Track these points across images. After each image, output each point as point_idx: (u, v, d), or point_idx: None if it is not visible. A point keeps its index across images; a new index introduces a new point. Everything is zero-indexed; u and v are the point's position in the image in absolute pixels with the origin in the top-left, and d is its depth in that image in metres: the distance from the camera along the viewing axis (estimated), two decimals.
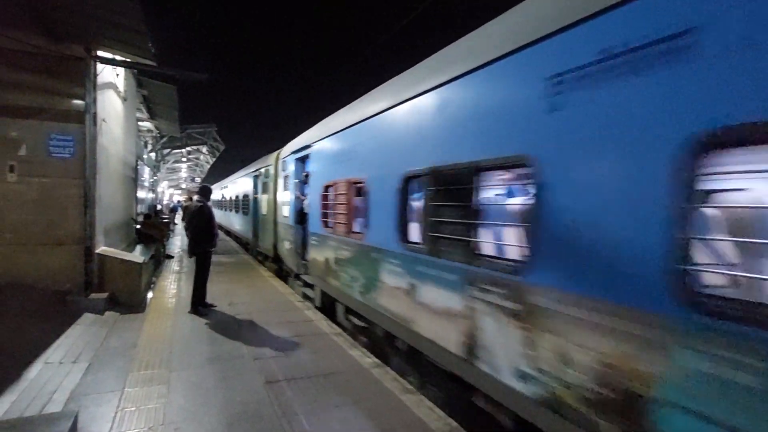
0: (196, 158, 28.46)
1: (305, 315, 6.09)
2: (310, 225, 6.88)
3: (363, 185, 4.73)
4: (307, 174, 7.34)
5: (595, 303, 2.05)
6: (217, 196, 23.81)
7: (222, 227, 19.20)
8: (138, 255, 7.77)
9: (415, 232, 3.74)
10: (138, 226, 10.93)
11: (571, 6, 2.31)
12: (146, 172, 15.17)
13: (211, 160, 29.51)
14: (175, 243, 15.29)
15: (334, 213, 5.61)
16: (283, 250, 8.82)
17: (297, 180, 7.91)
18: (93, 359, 4.16)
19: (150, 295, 6.98)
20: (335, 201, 5.58)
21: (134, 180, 11.05)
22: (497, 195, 3.96)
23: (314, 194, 6.56)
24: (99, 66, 6.02)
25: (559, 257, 2.27)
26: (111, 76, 7.22)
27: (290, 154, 8.31)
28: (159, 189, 26.84)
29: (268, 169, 10.46)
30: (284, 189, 8.83)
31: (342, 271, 5.41)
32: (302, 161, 7.73)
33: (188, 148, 22.85)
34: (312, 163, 6.96)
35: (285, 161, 8.88)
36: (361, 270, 4.82)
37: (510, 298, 2.59)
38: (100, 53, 6.03)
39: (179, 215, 24.04)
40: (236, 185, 17.07)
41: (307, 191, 7.28)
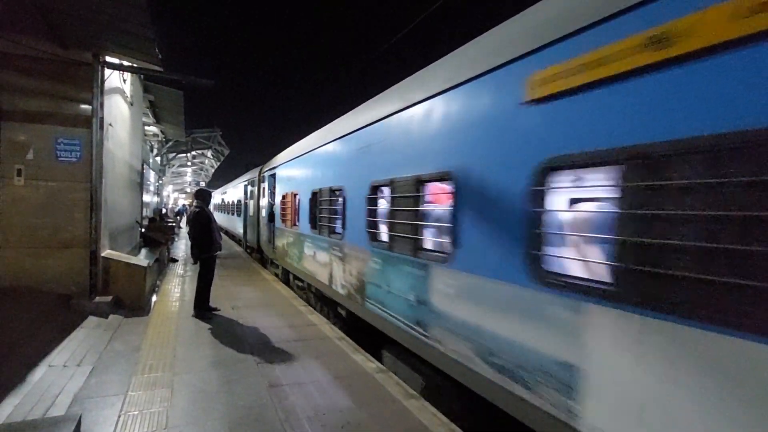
0: (201, 162, 28.63)
1: (308, 319, 6.08)
2: (276, 222, 9.87)
3: (298, 196, 7.90)
4: (274, 186, 10.17)
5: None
6: (218, 201, 25.62)
7: (221, 228, 19.68)
8: (143, 258, 7.80)
9: (315, 222, 6.77)
10: (143, 230, 10.99)
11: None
12: (152, 176, 15.26)
13: (216, 165, 29.68)
14: (180, 247, 15.35)
15: (286, 213, 8.72)
16: (263, 242, 11.73)
17: (270, 190, 10.72)
18: (97, 362, 4.17)
19: (154, 299, 7.01)
20: (286, 205, 8.71)
21: (140, 184, 11.13)
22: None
23: (277, 200, 9.66)
24: (106, 71, 6.09)
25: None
26: (118, 81, 7.30)
27: (267, 170, 11.31)
28: (164, 193, 27.00)
29: (254, 180, 13.19)
30: (263, 196, 11.64)
31: (290, 251, 8.58)
32: (273, 177, 10.40)
33: (193, 153, 23.00)
34: (277, 179, 9.91)
35: (263, 175, 11.73)
36: (297, 248, 7.89)
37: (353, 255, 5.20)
38: (108, 59, 6.10)
39: (185, 219, 24.16)
40: (232, 192, 20.38)
41: (275, 198, 10.11)
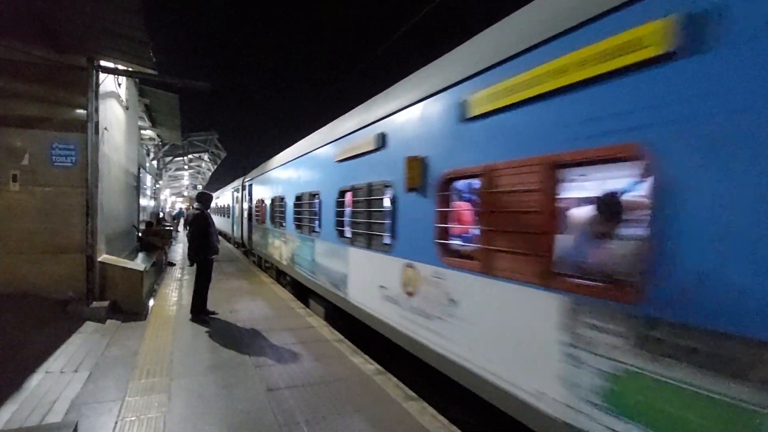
0: (198, 166, 28.56)
1: (307, 321, 6.07)
2: (252, 221, 13.22)
3: (264, 201, 11.14)
4: (252, 193, 13.47)
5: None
6: (212, 204, 25.92)
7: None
8: (140, 263, 7.78)
9: (273, 219, 9.76)
10: (140, 234, 10.95)
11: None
12: (148, 180, 15.21)
13: (213, 168, 29.62)
14: (178, 250, 15.30)
15: (258, 214, 12.02)
16: (245, 237, 14.72)
17: (249, 196, 13.91)
18: (94, 368, 4.15)
19: (152, 303, 6.98)
20: (258, 208, 12.01)
21: (136, 188, 11.09)
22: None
23: (253, 204, 13.07)
24: (101, 75, 6.07)
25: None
26: (113, 85, 7.28)
27: (247, 180, 14.37)
28: (161, 197, 26.92)
29: (238, 188, 16.56)
30: (245, 201, 14.66)
31: (260, 241, 11.82)
32: (251, 186, 13.73)
33: (190, 156, 22.92)
34: (253, 188, 13.41)
35: (244, 184, 14.86)
36: (265, 239, 11.00)
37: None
38: (103, 63, 6.08)
39: (182, 222, 24.11)
40: (223, 197, 24.24)
41: (252, 203, 13.37)
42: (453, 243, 3.39)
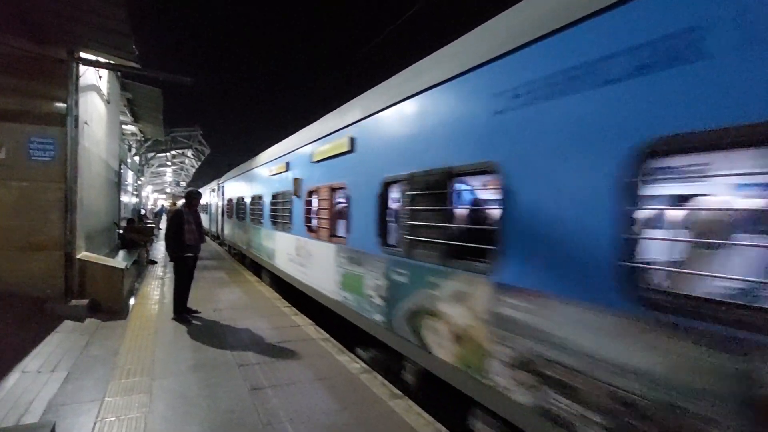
0: (182, 162, 28.06)
1: (292, 320, 6.04)
2: (224, 216, 16.03)
3: (231, 200, 14.14)
4: (224, 193, 16.17)
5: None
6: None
7: None
8: (120, 260, 7.61)
9: (238, 214, 12.84)
10: (121, 231, 10.72)
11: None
12: (130, 176, 14.90)
13: (197, 164, 29.14)
14: (160, 248, 15.01)
15: (229, 210, 14.73)
16: (219, 231, 17.59)
17: (222, 196, 16.72)
18: (72, 368, 4.05)
19: (132, 302, 6.84)
20: (229, 205, 14.77)
21: (117, 184, 10.85)
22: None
23: (225, 201, 15.85)
24: (81, 68, 5.92)
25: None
26: (94, 78, 7.11)
27: (221, 182, 17.28)
28: (143, 193, 26.38)
29: (214, 188, 19.53)
30: (219, 199, 17.67)
31: (230, 233, 14.56)
32: (223, 187, 16.58)
33: (173, 152, 22.52)
34: (225, 189, 16.16)
35: (219, 185, 17.83)
36: (232, 230, 13.99)
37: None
38: (83, 55, 5.92)
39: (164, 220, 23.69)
40: (204, 195, 27.48)
41: (224, 201, 16.15)
42: (309, 224, 6.33)
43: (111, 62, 6.59)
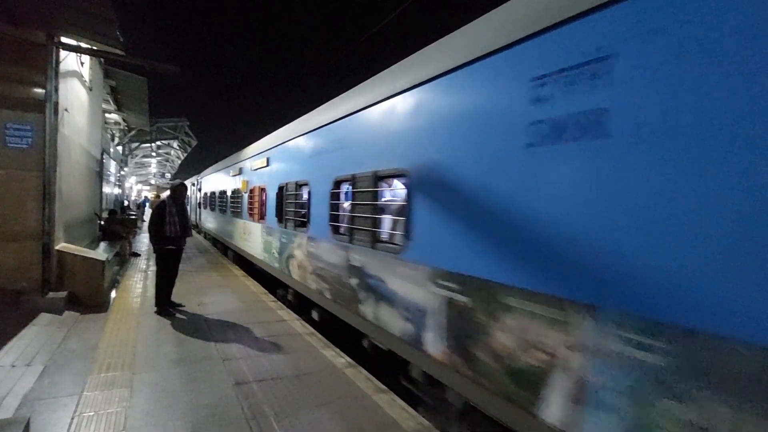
0: (167, 153, 27.54)
1: (278, 315, 5.98)
2: (202, 207, 18.09)
3: (207, 194, 16.46)
4: (202, 187, 18.10)
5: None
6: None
7: None
8: (101, 252, 7.44)
9: (213, 206, 14.83)
10: (102, 222, 10.47)
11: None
12: (112, 166, 14.54)
13: (183, 156, 28.65)
14: (143, 240, 14.72)
15: (204, 203, 17.43)
16: (198, 220, 19.70)
17: (200, 189, 18.71)
18: (49, 362, 3.94)
19: (113, 295, 6.69)
20: (204, 198, 17.34)
21: (99, 174, 10.58)
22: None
23: (203, 195, 17.88)
24: (62, 53, 5.72)
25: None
26: (75, 65, 6.89)
27: (200, 178, 19.24)
28: (126, 184, 25.83)
29: (194, 182, 21.11)
30: (198, 192, 19.51)
31: (207, 222, 16.82)
32: (201, 182, 18.48)
33: (158, 143, 22.09)
34: (203, 184, 18.12)
35: (198, 180, 19.76)
36: (209, 220, 16.26)
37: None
38: (64, 39, 5.72)
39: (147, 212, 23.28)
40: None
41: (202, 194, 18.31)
42: (251, 212, 8.86)
43: (94, 48, 6.40)
